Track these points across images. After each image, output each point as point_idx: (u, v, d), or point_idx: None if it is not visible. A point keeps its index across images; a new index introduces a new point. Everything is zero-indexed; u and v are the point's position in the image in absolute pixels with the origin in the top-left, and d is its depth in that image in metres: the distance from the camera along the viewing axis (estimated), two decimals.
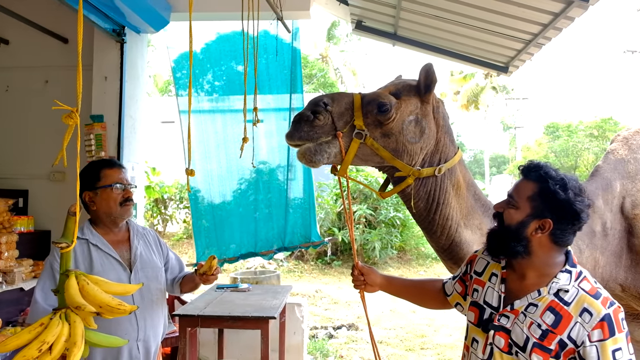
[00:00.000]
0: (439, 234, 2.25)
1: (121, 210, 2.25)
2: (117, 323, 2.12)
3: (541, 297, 1.56)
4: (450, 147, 2.24)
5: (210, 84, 5.41)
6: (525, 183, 1.64)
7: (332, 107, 2.03)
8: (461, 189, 2.26)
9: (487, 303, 1.68)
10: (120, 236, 2.30)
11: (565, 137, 21.39)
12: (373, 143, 2.06)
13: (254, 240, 5.20)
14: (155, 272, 2.32)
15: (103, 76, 4.76)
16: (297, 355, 4.74)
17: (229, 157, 5.21)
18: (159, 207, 13.38)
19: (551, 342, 1.50)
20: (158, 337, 2.31)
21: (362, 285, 2.02)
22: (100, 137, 4.66)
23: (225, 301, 3.71)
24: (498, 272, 1.71)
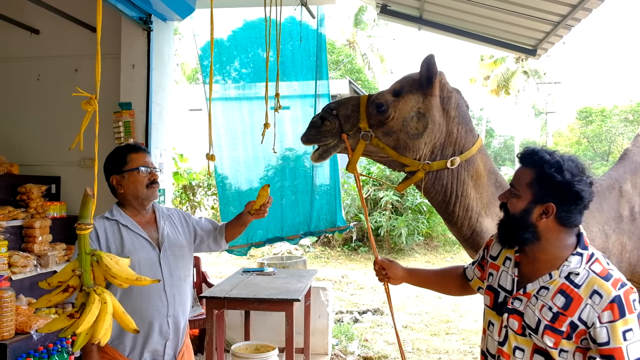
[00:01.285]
0: (459, 224, 2.27)
1: (147, 192, 2.31)
2: (149, 299, 2.20)
3: (552, 280, 1.58)
4: (467, 138, 2.23)
5: (237, 71, 5.44)
6: (523, 170, 1.66)
7: (338, 111, 2.17)
8: (481, 178, 2.26)
9: (501, 287, 1.71)
10: (147, 218, 2.37)
11: (598, 122, 20.94)
12: (379, 143, 2.14)
13: (281, 225, 5.26)
14: (182, 251, 2.38)
15: (130, 64, 4.84)
16: (322, 338, 4.80)
17: (255, 144, 5.25)
18: (187, 194, 13.57)
19: (562, 324, 1.52)
20: (186, 314, 2.38)
21: (385, 279, 2.08)
22: (129, 124, 4.76)
23: (251, 284, 3.78)
24: (512, 256, 1.73)
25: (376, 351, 5.17)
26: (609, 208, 2.42)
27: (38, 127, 5.08)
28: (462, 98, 2.28)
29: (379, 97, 2.17)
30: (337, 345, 5.19)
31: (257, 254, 11.49)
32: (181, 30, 19.36)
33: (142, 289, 2.17)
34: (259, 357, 3.45)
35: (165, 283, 2.26)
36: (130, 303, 2.14)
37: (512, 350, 1.64)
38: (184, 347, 2.36)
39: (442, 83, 2.20)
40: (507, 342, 1.65)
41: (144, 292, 2.19)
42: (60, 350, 3.67)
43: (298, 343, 4.42)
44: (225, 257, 11.12)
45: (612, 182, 2.47)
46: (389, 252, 11.93)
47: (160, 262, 2.27)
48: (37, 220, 4.03)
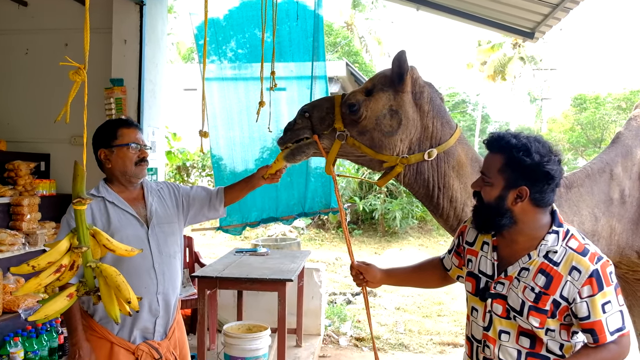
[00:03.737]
0: (445, 215, 2.25)
1: (136, 170, 2.25)
2: (138, 277, 2.15)
3: (532, 261, 1.60)
4: (443, 130, 2.20)
5: (233, 51, 5.36)
6: (492, 157, 1.66)
7: (311, 113, 2.16)
8: (463, 168, 2.22)
9: (482, 272, 1.72)
10: (135, 194, 2.31)
11: (592, 109, 20.87)
12: (354, 142, 2.11)
13: (275, 206, 5.23)
14: (171, 227, 2.33)
15: (122, 39, 4.74)
16: (314, 319, 4.78)
17: (251, 124, 5.19)
18: (181, 175, 13.50)
19: (545, 303, 1.54)
20: (177, 290, 2.34)
21: (363, 283, 2.05)
22: (121, 100, 4.67)
23: (244, 264, 3.74)
24: (489, 241, 1.73)
25: (368, 332, 5.16)
26: (599, 191, 2.40)
27: (27, 102, 4.98)
28: (436, 91, 2.26)
29: (351, 97, 2.16)
30: (329, 326, 5.19)
31: (252, 235, 11.48)
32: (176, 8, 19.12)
33: (131, 266, 2.12)
34: (251, 336, 3.41)
35: (154, 260, 2.21)
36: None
37: (498, 334, 1.64)
38: (174, 324, 2.33)
39: (414, 78, 2.18)
40: (492, 327, 1.66)
41: (132, 270, 2.13)
42: (50, 329, 3.64)
43: (291, 324, 4.41)
44: (220, 239, 11.10)
45: (603, 166, 2.44)
46: (383, 235, 11.95)
47: (148, 239, 2.22)
48: (26, 198, 3.96)
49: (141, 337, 2.19)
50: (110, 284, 1.48)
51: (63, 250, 1.45)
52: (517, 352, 1.61)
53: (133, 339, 2.17)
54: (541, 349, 1.59)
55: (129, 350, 2.15)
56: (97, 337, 2.13)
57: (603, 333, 1.50)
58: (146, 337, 2.20)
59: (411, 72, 2.15)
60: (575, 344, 1.61)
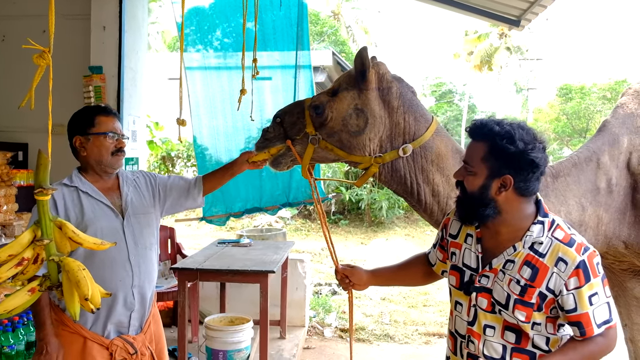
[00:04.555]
0: (429, 210, 2.20)
1: (112, 160, 2.17)
2: (112, 270, 2.09)
3: (517, 253, 1.56)
4: (417, 125, 2.14)
5: (219, 40, 5.29)
6: (474, 145, 1.60)
7: (283, 119, 2.15)
8: (444, 160, 2.17)
9: (466, 265, 1.67)
10: (110, 183, 2.23)
11: (577, 99, 20.99)
12: (327, 145, 2.09)
13: (259, 196, 5.19)
14: (147, 218, 2.26)
15: (101, 26, 4.62)
16: (299, 310, 4.74)
17: (235, 114, 5.13)
18: (166, 165, 13.36)
19: (531, 296, 1.50)
20: (153, 283, 2.27)
21: (349, 287, 2.00)
22: (100, 89, 4.57)
23: (226, 255, 3.68)
24: (473, 233, 1.68)
25: (354, 323, 5.13)
26: (586, 180, 2.36)
27: (4, 91, 4.85)
28: (406, 86, 2.20)
29: (315, 99, 2.15)
30: (314, 317, 5.15)
31: (237, 226, 11.39)
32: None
33: (105, 259, 2.06)
34: (232, 329, 3.36)
35: (130, 252, 2.14)
36: (92, 274, 2.02)
37: (482, 329, 1.60)
38: (150, 317, 2.26)
39: (380, 74, 2.13)
40: (476, 321, 1.61)
41: (106, 262, 2.07)
42: (26, 322, 3.55)
43: (275, 315, 4.36)
44: (204, 230, 11.01)
45: (590, 154, 2.40)
46: (370, 225, 11.93)
47: (123, 231, 2.15)
48: (2, 189, 3.86)
49: (115, 331, 2.13)
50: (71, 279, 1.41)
51: (25, 243, 1.37)
52: (502, 348, 1.57)
53: (107, 333, 2.10)
54: (527, 344, 1.55)
55: (102, 345, 2.08)
56: (69, 332, 2.06)
57: (590, 326, 1.47)
58: (121, 332, 2.13)
59: (377, 69, 2.12)
60: (562, 337, 1.57)
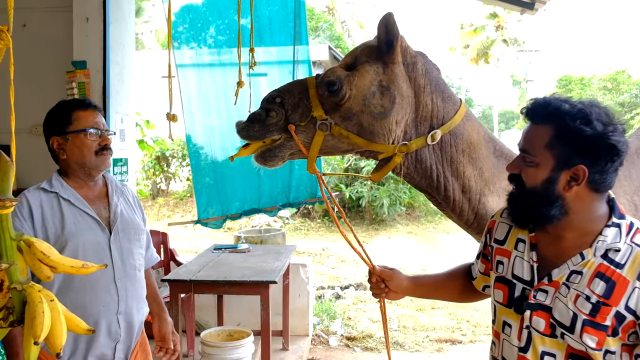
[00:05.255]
0: (459, 210, 1.84)
1: (96, 160, 1.88)
2: (94, 293, 1.79)
3: (586, 262, 1.23)
4: (445, 107, 1.79)
5: (213, 38, 5.11)
6: (536, 129, 1.27)
7: (284, 100, 1.70)
8: (476, 150, 1.82)
9: (516, 277, 1.33)
10: (96, 191, 1.94)
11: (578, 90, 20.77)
12: (341, 131, 1.68)
13: (258, 196, 4.95)
14: (137, 234, 1.97)
15: (84, 17, 4.30)
16: (302, 318, 4.44)
17: (231, 112, 4.89)
18: (161, 165, 13.05)
19: (605, 317, 1.17)
20: (143, 309, 1.97)
21: (383, 293, 1.62)
22: (84, 85, 4.25)
23: (223, 264, 3.38)
24: (525, 237, 1.35)
25: (360, 330, 4.84)
26: (638, 175, 2.04)
27: None
28: (430, 62, 1.83)
29: (329, 74, 1.71)
30: (318, 325, 4.85)
31: (235, 226, 11.09)
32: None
33: (86, 281, 1.76)
34: (231, 345, 3.06)
35: (116, 273, 1.84)
36: (71, 298, 1.73)
37: (540, 357, 1.26)
38: (137, 347, 1.95)
39: (404, 47, 1.76)
40: (531, 347, 1.28)
41: (88, 285, 1.78)
42: None
43: (276, 325, 4.07)
44: (201, 231, 10.69)
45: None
46: (371, 223, 11.63)
47: (110, 247, 1.85)
48: None
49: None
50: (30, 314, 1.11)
51: None
52: None
53: None
54: None
55: None
56: None
57: None
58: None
59: (400, 40, 1.72)
60: None
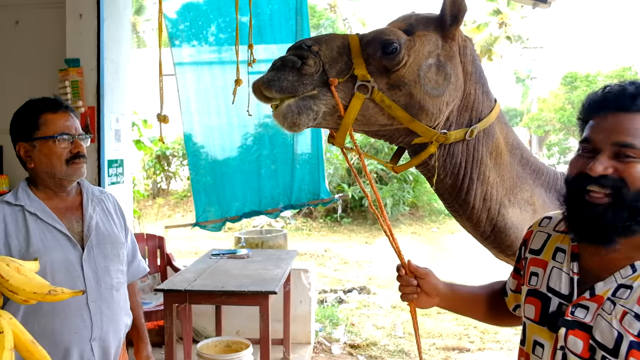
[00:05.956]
0: (476, 218, 1.66)
1: (68, 170, 1.70)
2: (65, 318, 1.62)
3: (638, 275, 1.05)
4: (484, 101, 1.62)
5: (214, 36, 4.98)
6: (634, 117, 1.07)
7: (320, 49, 1.44)
8: (502, 155, 1.66)
9: (552, 290, 1.15)
10: (69, 202, 1.76)
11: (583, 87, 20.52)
12: (384, 98, 1.44)
13: (258, 198, 4.81)
14: (116, 249, 1.78)
15: (78, 14, 4.14)
16: (303, 325, 4.28)
17: (230, 110, 4.75)
18: (161, 164, 12.92)
19: None
20: (120, 333, 1.78)
21: (414, 295, 1.38)
22: (77, 83, 4.10)
23: (220, 271, 3.22)
24: (566, 247, 1.17)
25: (364, 337, 4.68)
26: None
27: None
28: (474, 50, 1.65)
29: (387, 32, 1.47)
30: (320, 332, 4.69)
31: (236, 226, 10.93)
32: None
33: (56, 304, 1.57)
34: (229, 358, 2.91)
35: (89, 295, 1.66)
36: (39, 324, 1.57)
37: None
38: None
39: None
40: None
41: (57, 309, 1.60)
42: None
43: (277, 333, 3.91)
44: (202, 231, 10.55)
45: None
46: (374, 223, 11.47)
47: (82, 266, 1.67)
48: None
49: None
50: None
51: None
52: None
53: None
54: None
55: None
56: None
57: None
58: None
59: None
60: None
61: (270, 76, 1.39)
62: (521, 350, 1.24)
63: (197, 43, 4.82)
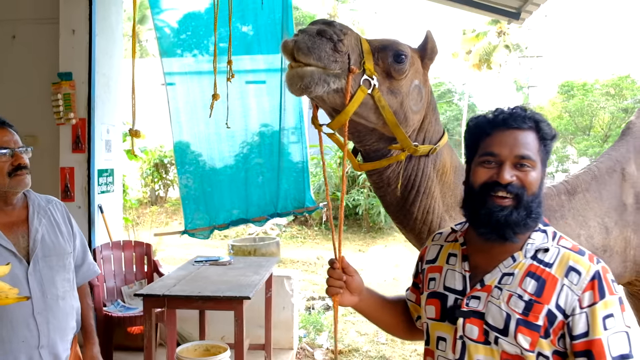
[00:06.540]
0: (417, 231, 1.83)
1: (11, 182, 1.79)
2: (11, 328, 1.73)
3: (517, 264, 1.25)
4: (436, 127, 1.84)
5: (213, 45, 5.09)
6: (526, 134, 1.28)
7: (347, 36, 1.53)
8: (447, 175, 1.85)
9: (448, 289, 1.32)
10: (14, 216, 1.85)
11: (580, 96, 20.67)
12: (380, 98, 1.59)
13: (245, 207, 4.91)
14: (62, 259, 1.90)
15: (70, 30, 4.33)
16: (286, 332, 4.41)
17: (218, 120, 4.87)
18: (159, 172, 13.08)
19: (538, 315, 1.18)
20: (68, 338, 1.91)
21: (340, 290, 1.43)
22: (69, 96, 4.28)
23: (200, 277, 3.35)
24: (457, 251, 1.35)
25: (347, 343, 4.81)
26: (609, 196, 2.00)
27: None
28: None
29: (399, 43, 1.65)
30: (304, 338, 4.82)
31: (231, 234, 11.07)
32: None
33: (3, 315, 1.69)
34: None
35: (35, 307, 1.77)
36: None
37: None
38: None
39: None
40: (466, 357, 1.25)
41: (5, 319, 1.71)
42: None
43: (259, 338, 4.04)
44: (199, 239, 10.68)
45: (613, 164, 2.04)
46: (368, 231, 11.60)
47: (28, 280, 1.77)
48: None
49: None
50: None
51: None
52: None
53: None
54: None
55: None
56: None
57: (603, 357, 1.13)
58: None
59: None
60: None
61: (309, 43, 1.44)
62: (426, 350, 1.37)
63: (197, 52, 4.91)
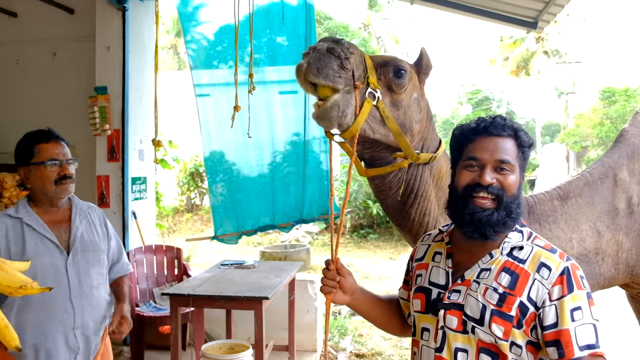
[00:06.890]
0: (415, 232, 1.97)
1: (57, 189, 2.09)
2: (51, 310, 2.00)
3: (494, 260, 1.38)
4: (432, 136, 1.98)
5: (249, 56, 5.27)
6: (505, 141, 1.41)
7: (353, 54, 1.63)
8: (442, 180, 1.98)
9: (433, 283, 1.45)
10: (59, 215, 2.14)
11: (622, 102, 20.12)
12: (384, 109, 1.72)
13: (272, 213, 5.08)
14: (97, 254, 2.18)
15: (106, 46, 4.62)
16: (309, 334, 4.54)
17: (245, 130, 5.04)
18: (195, 181, 13.44)
19: (511, 307, 1.30)
20: (100, 326, 2.16)
21: (334, 289, 1.53)
22: (105, 109, 4.55)
23: (224, 279, 3.52)
24: (442, 250, 1.48)
25: (370, 347, 4.89)
26: (601, 201, 2.07)
27: (15, 112, 4.90)
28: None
29: (398, 59, 1.81)
30: (329, 341, 4.93)
31: (264, 241, 11.28)
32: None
33: (43, 300, 1.96)
34: (229, 358, 3.19)
35: (72, 292, 2.05)
36: (31, 316, 1.96)
37: (453, 354, 1.35)
38: (98, 357, 2.15)
39: None
40: (445, 346, 1.36)
41: (45, 303, 1.98)
42: None
43: (284, 340, 4.18)
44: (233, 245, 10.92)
45: (605, 170, 2.11)
46: (400, 239, 11.61)
47: (67, 269, 2.05)
48: None
49: None
50: None
51: None
52: None
53: None
54: None
55: None
56: None
57: (570, 346, 1.24)
58: None
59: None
60: None
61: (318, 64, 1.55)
62: (413, 341, 1.50)
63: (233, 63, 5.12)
